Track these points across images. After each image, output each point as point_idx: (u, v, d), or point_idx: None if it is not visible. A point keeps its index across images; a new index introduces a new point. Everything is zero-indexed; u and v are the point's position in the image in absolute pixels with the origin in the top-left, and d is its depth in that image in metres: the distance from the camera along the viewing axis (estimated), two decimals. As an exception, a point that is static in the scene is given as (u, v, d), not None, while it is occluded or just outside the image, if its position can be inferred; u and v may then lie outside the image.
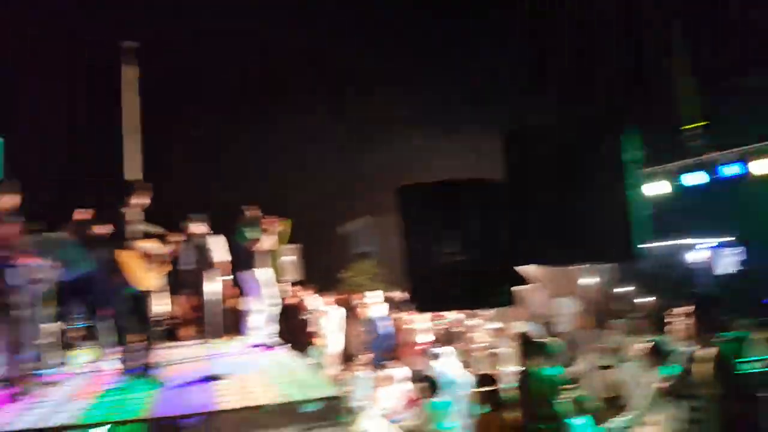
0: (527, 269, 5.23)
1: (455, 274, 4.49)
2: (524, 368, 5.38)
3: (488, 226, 4.49)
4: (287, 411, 3.98)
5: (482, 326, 9.67)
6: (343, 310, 10.09)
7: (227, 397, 4.33)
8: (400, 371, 8.28)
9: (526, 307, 9.42)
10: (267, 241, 7.22)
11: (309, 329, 9.75)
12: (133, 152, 9.86)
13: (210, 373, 5.21)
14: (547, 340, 6.14)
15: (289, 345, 6.97)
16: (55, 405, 4.33)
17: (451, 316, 9.88)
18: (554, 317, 10.05)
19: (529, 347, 5.47)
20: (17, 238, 4.84)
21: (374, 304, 10.44)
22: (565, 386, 5.26)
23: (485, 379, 6.44)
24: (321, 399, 4.09)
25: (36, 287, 5.25)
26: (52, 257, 5.69)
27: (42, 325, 5.46)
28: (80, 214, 6.37)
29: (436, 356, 8.30)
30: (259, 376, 5.23)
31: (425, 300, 4.66)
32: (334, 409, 4.08)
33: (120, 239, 4.96)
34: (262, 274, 7.15)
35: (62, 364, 5.90)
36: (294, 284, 10.79)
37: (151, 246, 5.26)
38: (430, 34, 15.93)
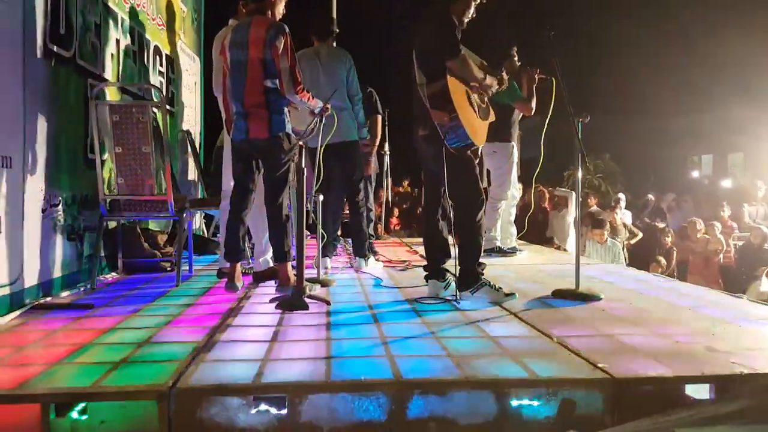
0: None
1: None
2: None
3: None
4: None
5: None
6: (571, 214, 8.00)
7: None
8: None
9: None
10: (534, 104, 5.10)
11: (548, 234, 7.84)
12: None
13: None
14: None
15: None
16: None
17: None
18: None
19: None
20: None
21: (621, 209, 8.26)
22: None
23: None
24: None
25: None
26: None
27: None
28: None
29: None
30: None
31: None
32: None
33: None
34: (516, 151, 5.17)
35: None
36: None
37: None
38: None
